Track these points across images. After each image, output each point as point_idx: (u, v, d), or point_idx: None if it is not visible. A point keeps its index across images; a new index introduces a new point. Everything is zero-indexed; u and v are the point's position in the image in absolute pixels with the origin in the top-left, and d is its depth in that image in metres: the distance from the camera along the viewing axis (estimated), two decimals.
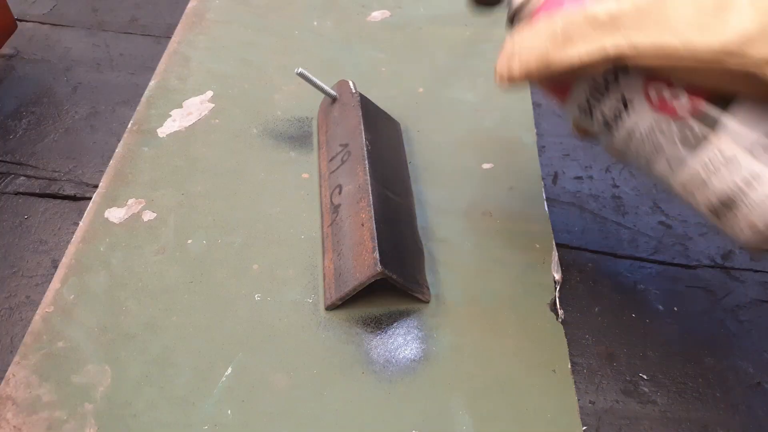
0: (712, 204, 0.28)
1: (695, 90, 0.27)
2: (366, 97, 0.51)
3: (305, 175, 0.49)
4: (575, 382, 0.38)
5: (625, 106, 0.29)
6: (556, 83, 0.33)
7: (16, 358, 0.38)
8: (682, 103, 0.27)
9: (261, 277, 0.42)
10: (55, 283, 0.41)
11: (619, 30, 0.26)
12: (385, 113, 0.52)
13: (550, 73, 0.28)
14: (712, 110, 0.27)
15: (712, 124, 0.27)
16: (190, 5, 0.64)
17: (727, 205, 0.27)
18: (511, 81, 0.30)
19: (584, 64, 0.27)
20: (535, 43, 0.29)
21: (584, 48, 0.27)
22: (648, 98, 0.28)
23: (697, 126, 0.27)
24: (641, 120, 0.29)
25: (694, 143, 0.27)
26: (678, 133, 0.28)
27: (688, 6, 0.24)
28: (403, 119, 0.54)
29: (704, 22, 0.24)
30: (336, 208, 0.44)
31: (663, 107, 0.28)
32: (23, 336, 0.39)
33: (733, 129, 0.26)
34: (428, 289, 0.42)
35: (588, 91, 0.31)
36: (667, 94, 0.28)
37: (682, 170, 0.29)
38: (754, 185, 0.26)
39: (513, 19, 0.34)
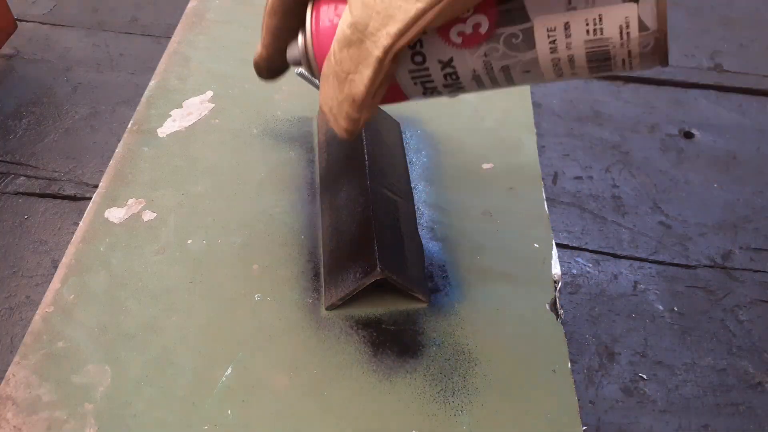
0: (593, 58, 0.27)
1: (480, 6, 0.27)
2: None
3: (305, 176, 0.49)
4: (575, 382, 0.38)
5: (446, 64, 0.29)
6: (387, 96, 0.31)
7: (16, 358, 0.37)
8: (480, 20, 0.27)
9: (261, 277, 0.42)
10: (55, 283, 0.41)
11: (372, 36, 0.26)
12: (385, 113, 0.52)
13: (368, 99, 0.28)
14: (508, 15, 0.26)
15: (522, 19, 0.26)
16: (190, 5, 0.64)
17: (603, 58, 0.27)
18: (355, 125, 0.30)
19: (376, 80, 0.27)
20: (334, 93, 0.29)
21: (365, 68, 0.27)
22: (451, 44, 0.28)
23: (510, 28, 0.27)
24: (467, 64, 0.29)
25: (523, 45, 0.27)
26: (502, 48, 0.27)
27: None
28: (403, 119, 0.54)
29: None
30: (336, 209, 0.44)
31: (469, 40, 0.28)
32: (23, 336, 0.39)
33: (535, 11, 0.26)
34: (428, 289, 0.42)
35: (415, 79, 0.30)
36: (461, 27, 0.27)
37: (536, 66, 0.28)
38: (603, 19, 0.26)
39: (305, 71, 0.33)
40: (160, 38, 0.61)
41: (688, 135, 1.36)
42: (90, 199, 0.47)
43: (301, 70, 0.48)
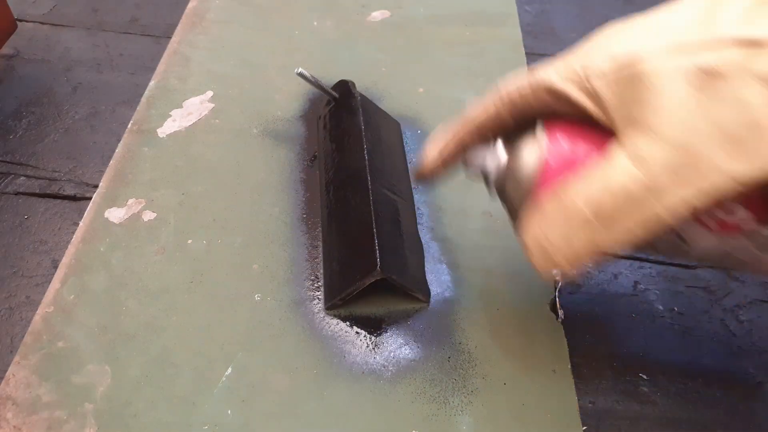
0: None
1: (748, 199, 0.25)
2: (366, 98, 0.51)
3: (305, 176, 0.49)
4: (575, 382, 0.38)
5: (682, 239, 0.27)
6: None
7: (16, 358, 0.38)
8: (742, 217, 0.25)
9: (261, 277, 0.42)
10: (55, 283, 0.41)
11: (662, 194, 0.23)
12: (385, 113, 0.52)
13: (602, 253, 0.26)
14: None
15: None
16: (190, 5, 0.64)
17: None
18: (563, 272, 0.28)
19: (641, 237, 0.25)
20: (568, 233, 0.26)
21: (633, 223, 0.24)
22: (704, 226, 0.26)
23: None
24: (704, 243, 0.27)
25: None
26: (751, 243, 0.25)
27: (716, 140, 0.22)
28: (403, 119, 0.54)
29: (736, 150, 0.22)
30: (337, 209, 0.44)
31: (724, 228, 0.26)
32: (23, 336, 0.39)
33: None
34: (428, 289, 0.42)
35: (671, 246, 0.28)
36: (722, 214, 0.25)
37: None
38: None
39: (492, 182, 0.32)
40: (160, 38, 0.61)
41: None
42: (90, 199, 0.47)
43: (301, 70, 0.48)
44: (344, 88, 0.51)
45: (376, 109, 0.51)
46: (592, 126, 0.27)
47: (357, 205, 0.42)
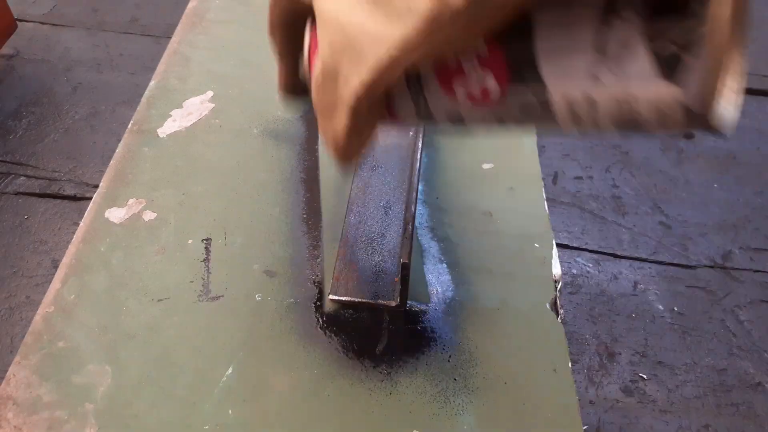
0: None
1: (487, 58, 0.23)
2: None
3: (305, 176, 0.49)
4: (575, 381, 0.38)
5: (455, 119, 0.26)
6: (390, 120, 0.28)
7: (17, 358, 0.37)
8: (489, 84, 0.23)
9: (261, 277, 0.42)
10: (55, 283, 0.41)
11: (339, 78, 0.24)
12: None
13: (350, 145, 0.26)
14: (520, 71, 0.22)
15: (533, 81, 0.22)
16: (190, 5, 0.64)
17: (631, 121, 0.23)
18: (344, 165, 0.28)
19: (352, 127, 0.25)
20: (321, 126, 0.27)
21: (342, 120, 0.25)
22: (453, 99, 0.25)
23: (523, 95, 0.23)
24: (474, 115, 0.25)
25: (539, 109, 0.23)
26: (516, 111, 0.24)
27: (364, 8, 0.22)
28: None
29: (386, 16, 0.21)
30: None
31: (477, 102, 0.24)
32: (23, 336, 0.39)
33: (556, 73, 0.21)
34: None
35: (415, 116, 0.27)
36: (469, 85, 0.24)
37: (551, 118, 0.24)
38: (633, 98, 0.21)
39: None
40: (160, 38, 0.61)
41: (688, 135, 1.36)
42: (90, 199, 0.47)
43: None
44: None
45: None
46: None
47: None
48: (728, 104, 0.21)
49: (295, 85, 0.33)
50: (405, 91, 0.25)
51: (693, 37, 0.19)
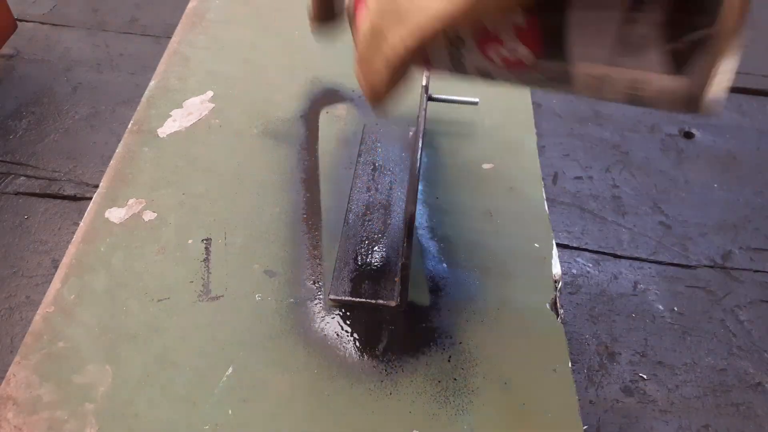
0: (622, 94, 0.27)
1: (524, 30, 0.25)
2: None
3: (305, 176, 0.49)
4: (575, 381, 0.38)
5: (485, 75, 0.28)
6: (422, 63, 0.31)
7: (17, 358, 0.37)
8: (523, 53, 0.26)
9: (261, 277, 0.42)
10: (55, 283, 0.41)
11: (382, 36, 0.26)
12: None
13: (388, 91, 0.29)
14: (551, 46, 0.25)
15: (561, 57, 0.25)
16: (190, 5, 0.64)
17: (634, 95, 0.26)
18: (378, 104, 0.30)
19: (392, 79, 0.27)
20: (359, 69, 0.29)
21: (383, 71, 0.27)
22: (491, 61, 0.27)
23: (550, 65, 0.26)
24: (503, 74, 0.28)
25: (561, 78, 0.26)
26: (542, 76, 0.27)
27: None
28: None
29: None
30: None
31: (511, 65, 0.27)
32: (23, 336, 0.39)
33: (582, 53, 0.24)
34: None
35: (448, 65, 0.30)
36: (504, 52, 0.26)
37: (569, 85, 0.27)
38: (638, 86, 0.25)
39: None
40: (160, 38, 0.61)
41: (688, 135, 1.36)
42: (90, 199, 0.47)
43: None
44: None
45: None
46: None
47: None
48: (720, 88, 0.23)
49: (329, 11, 0.36)
50: (444, 48, 0.28)
51: (705, 33, 0.21)
